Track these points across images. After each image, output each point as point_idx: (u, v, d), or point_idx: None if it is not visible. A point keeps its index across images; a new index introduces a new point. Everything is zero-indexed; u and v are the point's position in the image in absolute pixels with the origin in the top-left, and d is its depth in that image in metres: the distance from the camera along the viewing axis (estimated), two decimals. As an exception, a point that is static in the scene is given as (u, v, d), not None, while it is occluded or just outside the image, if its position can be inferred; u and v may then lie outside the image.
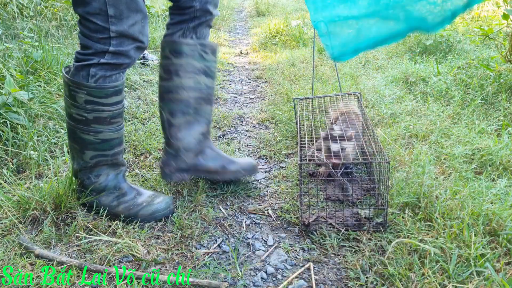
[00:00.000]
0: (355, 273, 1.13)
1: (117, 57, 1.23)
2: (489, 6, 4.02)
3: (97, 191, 1.37)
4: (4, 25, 2.90)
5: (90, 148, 1.32)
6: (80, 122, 1.28)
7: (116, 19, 1.18)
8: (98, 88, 1.24)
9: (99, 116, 1.28)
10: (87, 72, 1.23)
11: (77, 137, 1.31)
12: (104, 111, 1.28)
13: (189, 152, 1.50)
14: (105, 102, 1.27)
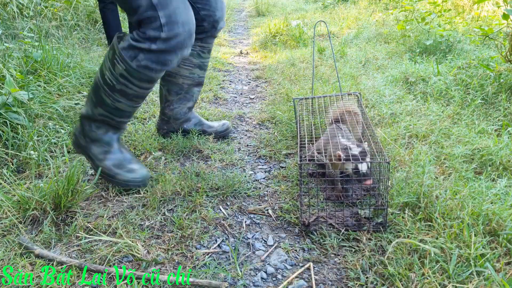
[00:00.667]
0: (355, 273, 1.13)
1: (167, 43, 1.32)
2: (489, 6, 4.02)
3: (91, 139, 1.53)
4: (4, 25, 2.90)
5: (103, 108, 1.47)
6: (107, 85, 1.42)
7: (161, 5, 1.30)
8: (137, 71, 1.37)
9: (125, 90, 1.42)
10: (135, 55, 1.35)
11: (98, 93, 1.45)
12: (131, 89, 1.42)
13: (177, 120, 1.95)
14: (136, 83, 1.41)
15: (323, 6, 6.51)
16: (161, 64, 1.36)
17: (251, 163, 1.80)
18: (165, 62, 1.36)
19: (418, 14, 3.65)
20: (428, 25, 3.34)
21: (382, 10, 5.36)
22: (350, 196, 1.45)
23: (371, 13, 5.23)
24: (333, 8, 6.16)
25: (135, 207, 1.45)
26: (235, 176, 1.64)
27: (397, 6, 4.82)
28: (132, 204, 1.47)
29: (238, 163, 1.79)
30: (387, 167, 1.24)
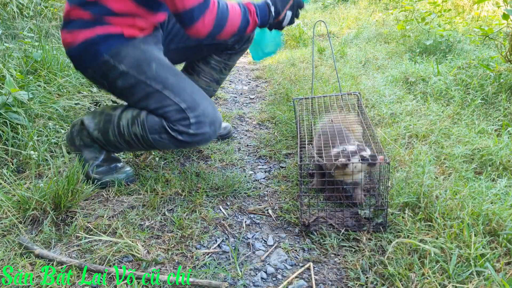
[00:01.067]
0: (355, 273, 1.13)
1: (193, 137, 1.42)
2: (489, 6, 4.02)
3: (85, 144, 1.56)
4: (4, 25, 2.90)
5: (103, 138, 1.51)
6: (118, 129, 1.47)
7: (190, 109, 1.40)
8: (151, 142, 1.46)
9: (131, 144, 1.49)
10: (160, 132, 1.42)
11: (108, 126, 1.48)
12: (137, 146, 1.50)
13: None
14: (145, 146, 1.50)
15: (323, 6, 6.51)
16: (179, 148, 1.46)
17: (251, 163, 1.80)
18: (184, 148, 1.47)
19: (418, 14, 3.65)
20: (428, 25, 3.34)
21: (382, 10, 5.36)
22: (350, 198, 1.45)
23: (371, 13, 5.23)
24: (333, 8, 6.16)
25: (135, 207, 1.45)
26: (235, 176, 1.64)
27: (397, 6, 4.82)
28: (132, 204, 1.47)
29: (238, 163, 1.79)
30: (387, 167, 1.24)
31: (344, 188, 1.48)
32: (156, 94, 1.40)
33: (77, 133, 1.56)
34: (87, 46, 1.38)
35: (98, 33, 1.36)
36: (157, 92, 1.40)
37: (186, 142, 1.41)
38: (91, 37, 1.36)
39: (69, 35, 1.41)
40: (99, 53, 1.38)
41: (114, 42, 1.39)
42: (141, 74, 1.40)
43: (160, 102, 1.40)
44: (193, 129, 1.39)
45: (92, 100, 2.32)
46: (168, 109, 1.39)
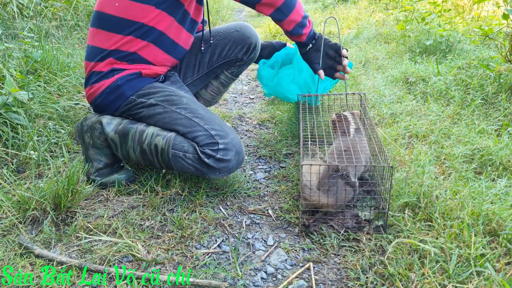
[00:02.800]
0: (355, 273, 1.13)
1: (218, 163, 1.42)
2: (489, 6, 4.02)
3: (93, 144, 1.54)
4: (4, 25, 2.90)
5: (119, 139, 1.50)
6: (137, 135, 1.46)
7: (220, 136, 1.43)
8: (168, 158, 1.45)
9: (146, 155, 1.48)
10: (185, 150, 1.42)
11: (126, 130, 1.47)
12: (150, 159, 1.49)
13: None
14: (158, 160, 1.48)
15: (323, 6, 6.51)
16: (200, 174, 1.43)
17: (251, 163, 1.80)
18: (204, 175, 1.43)
19: (418, 14, 3.65)
20: (428, 25, 3.34)
21: (382, 10, 5.36)
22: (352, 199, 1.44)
23: (371, 13, 5.23)
24: (333, 8, 6.16)
25: (135, 207, 1.45)
26: (235, 176, 1.64)
27: (397, 6, 4.82)
28: (132, 204, 1.47)
29: (238, 163, 1.79)
30: (390, 171, 1.23)
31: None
32: (185, 120, 1.43)
33: (88, 129, 1.53)
34: (110, 92, 1.47)
35: (117, 77, 1.46)
36: (186, 118, 1.44)
37: (210, 167, 1.40)
38: (112, 83, 1.47)
39: (91, 89, 1.51)
40: (124, 95, 1.48)
41: (137, 83, 1.48)
42: (171, 105, 1.47)
43: (189, 127, 1.42)
44: (220, 154, 1.40)
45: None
46: (198, 134, 1.41)
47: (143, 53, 1.48)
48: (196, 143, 1.42)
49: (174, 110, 1.45)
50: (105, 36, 1.45)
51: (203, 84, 1.84)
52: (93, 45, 1.49)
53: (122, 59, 1.47)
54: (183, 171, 1.45)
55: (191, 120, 1.44)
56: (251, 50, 1.79)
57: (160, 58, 1.53)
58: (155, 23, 1.44)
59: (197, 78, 1.78)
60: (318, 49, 1.66)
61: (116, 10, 1.42)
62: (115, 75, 1.46)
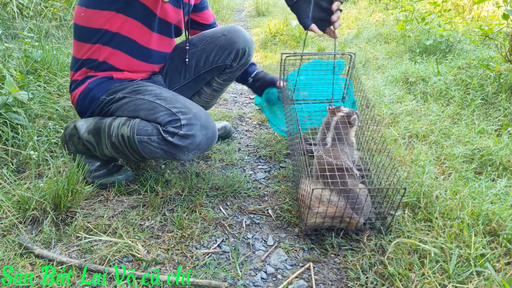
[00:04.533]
0: (355, 273, 1.13)
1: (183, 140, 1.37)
2: (489, 6, 4.02)
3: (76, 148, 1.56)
4: (4, 25, 2.90)
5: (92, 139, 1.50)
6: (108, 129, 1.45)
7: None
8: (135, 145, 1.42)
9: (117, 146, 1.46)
10: (150, 133, 1.39)
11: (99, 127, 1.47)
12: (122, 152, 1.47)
13: None
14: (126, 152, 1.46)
15: (323, 6, 6.50)
16: (170, 156, 1.40)
17: (251, 163, 1.80)
18: (174, 157, 1.40)
19: (418, 14, 3.65)
20: (428, 25, 3.34)
21: (382, 10, 5.36)
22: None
23: (371, 13, 5.23)
24: (333, 8, 6.16)
25: (135, 207, 1.45)
26: (235, 176, 1.64)
27: (397, 6, 4.82)
28: (132, 204, 1.47)
29: (238, 163, 1.79)
30: (402, 193, 1.18)
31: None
32: (147, 104, 1.42)
33: (69, 137, 1.55)
34: (84, 96, 1.52)
35: (89, 82, 1.51)
36: (148, 102, 1.42)
37: (176, 146, 1.35)
38: (84, 88, 1.51)
39: (71, 96, 1.57)
40: (96, 97, 1.50)
41: (106, 85, 1.51)
42: (137, 94, 1.47)
43: (151, 110, 1.40)
44: (184, 130, 1.34)
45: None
46: (159, 114, 1.38)
47: (112, 61, 1.49)
48: (159, 123, 1.38)
49: (138, 98, 1.45)
50: (78, 46, 1.50)
51: (193, 90, 1.79)
52: (72, 55, 1.55)
53: (95, 69, 1.50)
54: (153, 157, 1.42)
55: (153, 103, 1.42)
56: (240, 56, 1.68)
57: (133, 65, 1.53)
58: (117, 28, 1.44)
59: (184, 84, 1.73)
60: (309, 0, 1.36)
61: (83, 20, 1.45)
62: (87, 81, 1.51)
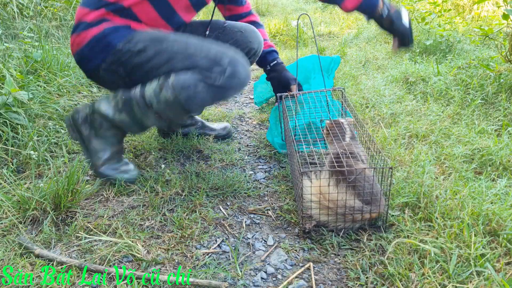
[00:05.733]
0: (355, 273, 1.13)
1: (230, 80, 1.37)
2: (489, 6, 4.02)
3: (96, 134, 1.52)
4: (4, 25, 2.90)
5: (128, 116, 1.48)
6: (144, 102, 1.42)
7: None
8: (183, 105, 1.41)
9: (160, 114, 1.45)
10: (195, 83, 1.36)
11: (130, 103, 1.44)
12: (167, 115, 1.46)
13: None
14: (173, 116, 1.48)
15: (323, 6, 6.50)
16: (218, 99, 1.40)
17: (251, 163, 1.80)
18: (222, 98, 1.40)
19: (418, 14, 3.65)
20: (428, 25, 3.34)
21: (382, 10, 5.35)
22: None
23: (371, 13, 5.22)
24: (333, 8, 6.16)
25: (135, 207, 1.45)
26: (235, 176, 1.64)
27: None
28: (132, 204, 1.47)
29: (238, 163, 1.79)
30: (389, 173, 1.23)
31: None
32: (180, 54, 1.37)
33: (85, 121, 1.50)
34: (97, 41, 1.39)
35: (105, 27, 1.39)
36: (180, 52, 1.37)
37: (223, 87, 1.35)
38: (99, 32, 1.39)
39: (77, 38, 1.43)
40: (111, 44, 1.39)
41: (124, 32, 1.40)
42: (161, 43, 1.38)
43: (187, 59, 1.36)
44: (228, 69, 1.34)
45: (92, 100, 2.32)
46: (197, 59, 1.35)
47: (136, 9, 1.41)
48: (201, 69, 1.35)
49: (165, 48, 1.38)
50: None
51: None
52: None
53: (115, 12, 1.40)
54: (201, 107, 1.42)
55: (185, 52, 1.37)
56: (251, 55, 1.74)
57: (152, 19, 1.46)
58: None
59: None
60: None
61: None
62: (103, 24, 1.40)
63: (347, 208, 1.24)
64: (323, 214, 1.27)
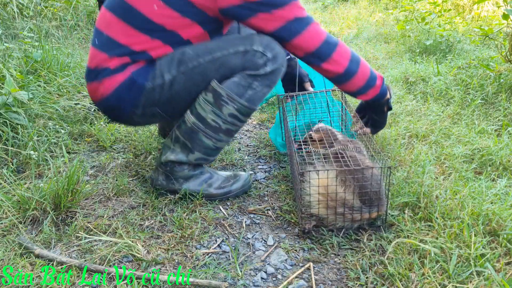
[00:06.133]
0: (355, 273, 1.13)
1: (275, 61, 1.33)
2: (489, 6, 4.02)
3: (185, 178, 1.46)
4: (4, 25, 2.90)
5: (202, 151, 1.42)
6: (211, 127, 1.37)
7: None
8: (249, 108, 1.36)
9: (231, 129, 1.39)
10: (249, 85, 1.33)
11: (197, 138, 1.39)
12: (238, 126, 1.40)
13: None
14: (244, 120, 1.40)
15: (323, 6, 6.51)
16: (271, 85, 1.37)
17: (251, 163, 1.80)
18: (274, 82, 1.37)
19: (418, 14, 3.65)
20: (428, 25, 3.35)
21: (382, 10, 5.36)
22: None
23: (371, 13, 5.23)
24: (333, 8, 6.16)
25: (135, 207, 1.45)
26: (235, 176, 1.64)
27: (397, 6, 4.82)
28: (132, 204, 1.47)
29: (238, 163, 1.79)
30: (387, 172, 1.23)
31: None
32: (210, 64, 1.32)
33: (166, 178, 1.46)
34: (126, 88, 1.32)
35: (132, 71, 1.31)
36: (209, 61, 1.32)
37: (273, 71, 1.32)
38: (126, 78, 1.31)
39: (100, 86, 1.33)
40: (141, 86, 1.32)
41: (149, 68, 1.33)
42: (186, 63, 1.32)
43: (221, 66, 1.32)
44: (268, 54, 1.30)
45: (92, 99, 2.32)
46: (230, 60, 1.31)
47: (160, 53, 1.35)
48: (243, 67, 1.32)
49: (194, 67, 1.31)
50: (131, 33, 1.29)
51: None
52: (109, 35, 1.30)
53: (142, 59, 1.33)
54: (263, 98, 1.38)
55: (219, 58, 1.32)
56: None
57: None
58: (188, 35, 1.33)
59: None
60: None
61: (153, 13, 1.26)
62: (129, 69, 1.31)
63: (347, 208, 1.24)
64: (323, 213, 1.27)
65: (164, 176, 1.47)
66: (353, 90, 1.43)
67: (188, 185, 1.46)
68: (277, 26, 1.28)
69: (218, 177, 1.51)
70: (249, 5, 1.24)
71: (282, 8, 1.25)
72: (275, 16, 1.26)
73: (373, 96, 1.45)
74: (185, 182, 1.46)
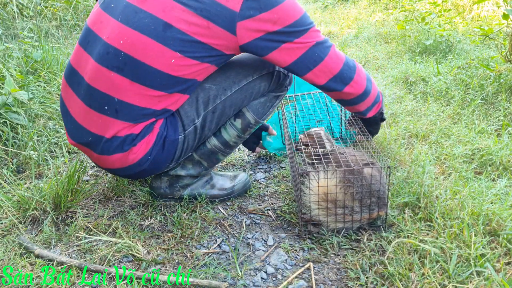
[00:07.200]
0: (355, 273, 1.13)
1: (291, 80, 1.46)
2: (489, 6, 4.02)
3: (188, 184, 1.47)
4: (4, 25, 2.90)
5: (216, 166, 1.52)
6: (230, 147, 1.44)
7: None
8: (261, 123, 1.45)
9: (239, 143, 1.46)
10: (271, 104, 1.44)
11: (214, 157, 1.44)
12: (244, 138, 1.46)
13: None
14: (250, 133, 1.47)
15: (323, 6, 6.51)
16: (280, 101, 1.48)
17: (251, 163, 1.80)
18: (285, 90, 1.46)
19: (418, 14, 3.65)
20: (428, 25, 3.35)
21: (382, 10, 5.36)
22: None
23: (371, 13, 5.23)
24: (333, 8, 6.17)
25: (135, 207, 1.45)
26: (235, 176, 1.64)
27: (397, 6, 4.82)
28: (132, 204, 1.47)
29: (238, 163, 1.79)
30: (387, 171, 1.23)
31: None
32: (243, 91, 1.33)
33: (169, 186, 1.46)
34: (160, 146, 1.25)
35: (158, 127, 1.24)
36: (241, 90, 1.33)
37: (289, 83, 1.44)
38: (156, 137, 1.24)
39: (130, 154, 1.23)
40: (174, 141, 1.27)
41: (174, 120, 1.27)
42: (212, 103, 1.30)
43: (253, 90, 1.35)
44: (288, 74, 1.40)
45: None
46: (258, 87, 1.35)
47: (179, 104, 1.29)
48: (271, 91, 1.40)
49: (224, 99, 1.31)
50: (146, 93, 1.18)
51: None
52: (123, 100, 1.17)
53: (164, 116, 1.26)
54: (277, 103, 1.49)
55: (241, 88, 1.33)
56: None
57: None
58: (203, 77, 1.25)
59: None
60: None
61: (169, 67, 1.16)
62: (154, 128, 1.24)
63: (348, 208, 1.24)
64: (323, 215, 1.27)
65: (167, 184, 1.46)
66: (363, 110, 1.41)
67: (192, 188, 1.48)
68: (300, 54, 1.22)
69: (219, 177, 1.52)
70: (271, 36, 1.18)
71: (303, 35, 1.20)
72: (298, 45, 1.20)
73: (376, 111, 1.46)
74: (188, 187, 1.47)
